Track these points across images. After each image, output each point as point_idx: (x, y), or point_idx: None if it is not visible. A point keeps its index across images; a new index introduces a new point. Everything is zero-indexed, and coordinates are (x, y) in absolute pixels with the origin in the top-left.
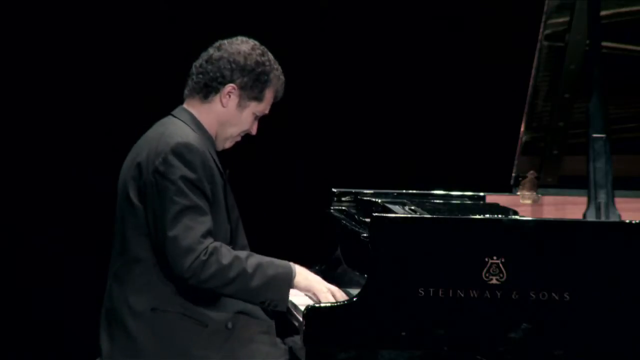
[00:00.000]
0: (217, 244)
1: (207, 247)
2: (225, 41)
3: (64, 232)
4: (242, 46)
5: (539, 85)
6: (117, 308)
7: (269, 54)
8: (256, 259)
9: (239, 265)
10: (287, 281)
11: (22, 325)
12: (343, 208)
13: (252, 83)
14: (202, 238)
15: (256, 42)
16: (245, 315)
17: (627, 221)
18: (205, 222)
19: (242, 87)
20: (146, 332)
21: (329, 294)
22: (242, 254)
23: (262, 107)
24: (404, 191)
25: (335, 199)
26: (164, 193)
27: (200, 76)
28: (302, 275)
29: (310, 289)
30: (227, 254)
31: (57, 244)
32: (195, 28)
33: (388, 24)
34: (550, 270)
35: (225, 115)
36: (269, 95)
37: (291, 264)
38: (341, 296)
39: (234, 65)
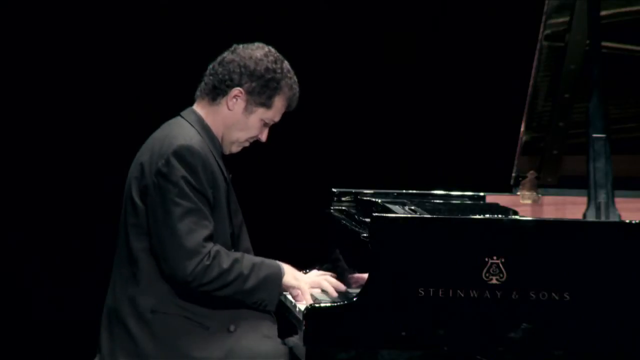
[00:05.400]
0: (217, 247)
1: (209, 251)
2: (241, 45)
3: (64, 233)
4: (256, 52)
5: (539, 85)
6: (118, 307)
7: (284, 62)
8: (250, 260)
9: (237, 268)
10: (278, 281)
11: (22, 326)
12: (343, 208)
13: (259, 89)
14: (204, 242)
15: (272, 50)
16: (247, 316)
17: (627, 221)
18: (207, 226)
19: (249, 92)
20: (147, 333)
21: (307, 295)
22: (238, 255)
23: (271, 115)
24: (404, 191)
25: (335, 199)
26: (166, 194)
27: (211, 77)
28: (291, 274)
29: (298, 287)
30: (226, 257)
31: (57, 244)
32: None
33: (388, 24)
34: (550, 270)
35: (231, 119)
36: (278, 104)
37: (280, 263)
38: (335, 283)
39: (243, 70)
